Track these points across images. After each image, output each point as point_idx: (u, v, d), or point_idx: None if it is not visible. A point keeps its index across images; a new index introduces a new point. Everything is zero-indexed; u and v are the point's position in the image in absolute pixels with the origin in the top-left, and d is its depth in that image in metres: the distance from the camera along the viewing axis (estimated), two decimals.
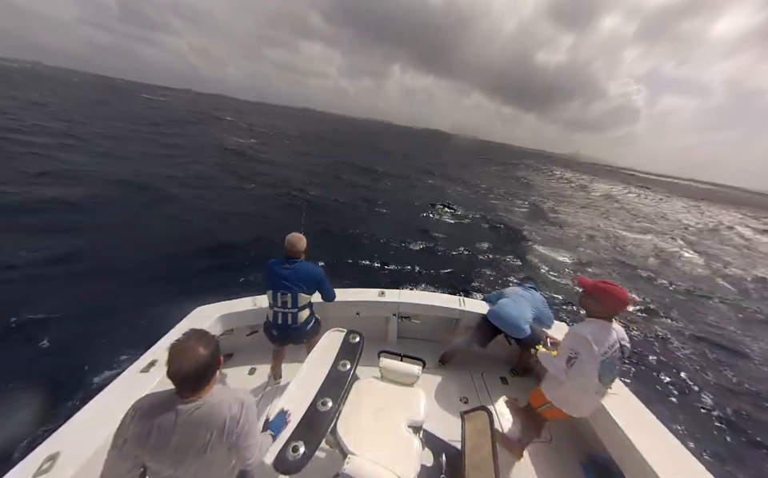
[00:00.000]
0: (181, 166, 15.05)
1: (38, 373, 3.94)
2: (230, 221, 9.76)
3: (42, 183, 9.81)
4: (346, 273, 7.56)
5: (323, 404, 1.70)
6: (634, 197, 40.80)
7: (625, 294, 1.81)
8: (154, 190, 10.98)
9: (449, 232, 11.92)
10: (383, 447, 1.67)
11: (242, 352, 3.15)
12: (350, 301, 3.21)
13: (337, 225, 10.45)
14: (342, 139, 50.23)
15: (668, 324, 7.33)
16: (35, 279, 5.54)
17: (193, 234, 8.32)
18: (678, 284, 10.31)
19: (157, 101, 63.72)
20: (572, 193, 32.68)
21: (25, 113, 22.12)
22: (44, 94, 38.28)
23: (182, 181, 12.76)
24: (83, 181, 10.65)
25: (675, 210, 34.13)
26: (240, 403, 1.27)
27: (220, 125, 38.00)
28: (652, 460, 1.81)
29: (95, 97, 46.20)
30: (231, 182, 14.16)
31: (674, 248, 15.52)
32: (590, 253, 12.19)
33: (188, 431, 1.18)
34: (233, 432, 1.22)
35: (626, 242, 15.16)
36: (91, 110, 30.94)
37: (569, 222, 17.43)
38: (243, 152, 21.76)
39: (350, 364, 1.98)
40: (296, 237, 2.54)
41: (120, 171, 12.34)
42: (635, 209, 29.10)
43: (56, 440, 1.80)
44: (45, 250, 6.35)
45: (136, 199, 9.97)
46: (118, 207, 9.23)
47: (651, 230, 19.21)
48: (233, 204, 11.51)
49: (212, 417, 1.20)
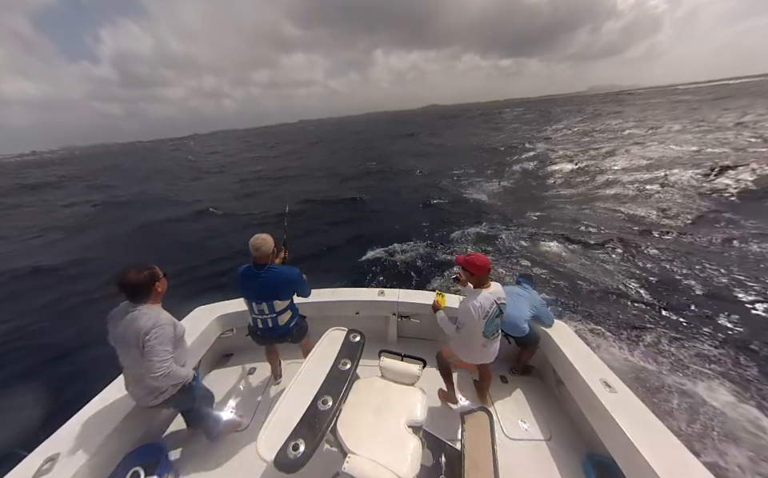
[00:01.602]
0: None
1: (38, 374, 3.94)
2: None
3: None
4: (345, 273, 7.57)
5: (323, 403, 1.70)
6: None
7: (482, 260, 2.31)
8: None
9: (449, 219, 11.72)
10: (383, 446, 1.67)
11: (242, 351, 3.15)
12: (350, 301, 3.21)
13: (338, 225, 10.46)
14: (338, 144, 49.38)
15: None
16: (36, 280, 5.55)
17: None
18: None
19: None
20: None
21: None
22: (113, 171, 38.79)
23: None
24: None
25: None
26: (154, 322, 1.73)
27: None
28: (652, 460, 1.81)
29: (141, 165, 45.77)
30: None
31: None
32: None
33: (123, 329, 1.74)
34: (139, 339, 1.68)
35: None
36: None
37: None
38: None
39: (351, 364, 1.98)
40: (259, 239, 2.26)
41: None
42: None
43: (56, 440, 1.80)
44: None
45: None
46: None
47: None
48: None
49: (134, 322, 1.71)
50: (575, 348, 2.78)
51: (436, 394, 2.85)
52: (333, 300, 3.17)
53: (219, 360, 3.17)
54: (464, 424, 2.09)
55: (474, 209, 12.25)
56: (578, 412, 2.52)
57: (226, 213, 13.96)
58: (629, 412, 2.13)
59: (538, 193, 14.10)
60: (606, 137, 25.91)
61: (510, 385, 3.05)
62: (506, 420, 2.67)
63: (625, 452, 1.99)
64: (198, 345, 2.67)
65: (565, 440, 2.53)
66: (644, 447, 1.88)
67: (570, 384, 2.62)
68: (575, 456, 2.41)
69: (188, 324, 2.85)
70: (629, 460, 1.96)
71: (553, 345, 2.86)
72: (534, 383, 3.10)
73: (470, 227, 10.08)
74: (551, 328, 3.00)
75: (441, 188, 15.38)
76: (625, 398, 2.27)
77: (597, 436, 2.26)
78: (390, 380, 2.17)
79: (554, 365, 2.85)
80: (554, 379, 2.92)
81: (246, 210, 14.32)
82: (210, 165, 37.76)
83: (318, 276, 4.26)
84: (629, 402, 2.25)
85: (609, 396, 2.24)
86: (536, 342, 2.94)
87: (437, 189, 15.28)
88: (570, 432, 2.60)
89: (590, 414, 2.35)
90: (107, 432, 1.88)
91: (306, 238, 9.98)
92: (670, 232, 8.82)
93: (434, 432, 2.14)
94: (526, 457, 2.37)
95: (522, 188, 14.95)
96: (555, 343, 2.83)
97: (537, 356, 3.04)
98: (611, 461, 2.11)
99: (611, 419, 2.10)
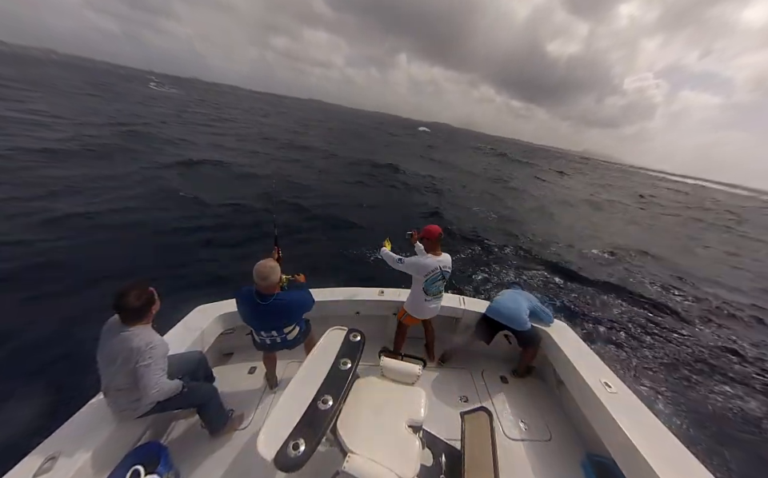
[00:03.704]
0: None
1: (38, 374, 3.95)
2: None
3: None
4: (347, 272, 7.56)
5: (324, 403, 1.70)
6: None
7: (435, 228, 2.74)
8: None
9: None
10: (383, 446, 1.67)
11: (242, 351, 3.15)
12: (350, 300, 3.21)
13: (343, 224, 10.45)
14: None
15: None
16: (35, 278, 5.55)
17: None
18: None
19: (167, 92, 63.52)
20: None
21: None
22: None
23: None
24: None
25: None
26: (147, 342, 1.77)
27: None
28: (652, 460, 1.81)
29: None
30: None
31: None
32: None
33: (111, 348, 1.77)
34: (131, 360, 1.73)
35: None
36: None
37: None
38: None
39: (351, 363, 1.98)
40: (267, 268, 2.08)
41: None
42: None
43: (56, 439, 1.80)
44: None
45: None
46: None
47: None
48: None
49: (127, 343, 1.75)
50: (575, 348, 2.78)
51: (436, 394, 2.85)
52: (333, 300, 3.17)
53: (219, 359, 3.17)
54: (464, 424, 2.09)
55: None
56: (577, 412, 2.52)
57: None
58: (629, 412, 2.13)
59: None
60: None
61: (509, 385, 3.05)
62: (505, 420, 2.68)
63: (624, 452, 1.99)
64: (198, 344, 2.67)
65: (565, 440, 2.53)
66: (644, 447, 1.88)
67: (570, 384, 2.62)
68: (575, 455, 2.41)
69: (188, 324, 2.85)
70: (628, 460, 1.97)
71: (553, 345, 2.86)
72: (533, 383, 3.10)
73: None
74: (551, 328, 3.01)
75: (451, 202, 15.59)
76: (625, 398, 2.27)
77: (597, 436, 2.26)
78: (390, 379, 2.17)
79: (554, 365, 2.86)
80: (554, 379, 2.93)
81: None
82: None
83: (318, 276, 4.27)
84: (629, 402, 2.25)
85: (609, 396, 2.25)
86: (537, 342, 2.95)
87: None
88: (569, 432, 2.60)
89: (589, 414, 2.35)
90: (107, 431, 1.88)
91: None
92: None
93: (434, 432, 2.15)
94: (526, 457, 2.38)
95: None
96: (555, 343, 2.83)
97: (537, 356, 3.05)
98: (611, 461, 2.11)
99: (611, 419, 2.10)
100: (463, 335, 3.26)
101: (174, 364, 2.23)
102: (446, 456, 1.99)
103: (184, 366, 2.32)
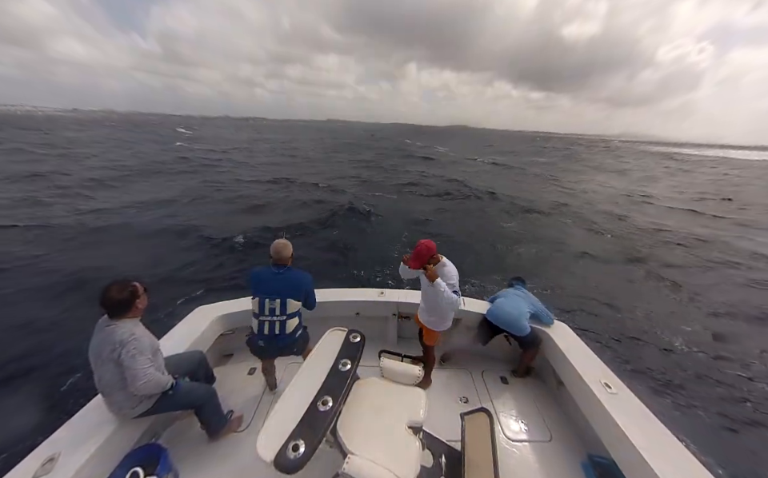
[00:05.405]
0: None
1: (38, 374, 3.95)
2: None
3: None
4: (346, 272, 7.56)
5: (323, 404, 1.70)
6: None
7: (426, 244, 2.49)
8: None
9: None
10: (383, 447, 1.67)
11: (243, 351, 3.15)
12: (350, 301, 3.21)
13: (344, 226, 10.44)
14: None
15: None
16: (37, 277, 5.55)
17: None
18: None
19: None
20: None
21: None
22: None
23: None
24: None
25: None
26: (130, 333, 1.81)
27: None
28: (652, 460, 1.81)
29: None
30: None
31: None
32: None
33: (100, 341, 1.82)
34: (115, 352, 1.77)
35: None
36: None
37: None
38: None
39: (351, 364, 1.98)
40: (281, 243, 2.50)
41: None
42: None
43: (56, 440, 1.80)
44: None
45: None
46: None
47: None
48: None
49: (110, 336, 1.79)
50: (575, 348, 2.78)
51: (436, 394, 2.85)
52: (333, 301, 3.17)
53: (219, 360, 3.17)
54: (464, 425, 2.09)
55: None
56: (578, 412, 2.52)
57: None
58: (629, 413, 2.13)
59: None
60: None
61: (510, 386, 3.05)
62: (506, 420, 2.67)
63: (625, 452, 1.99)
64: (198, 345, 2.67)
65: (565, 441, 2.52)
66: (644, 447, 1.88)
67: (570, 384, 2.62)
68: (575, 456, 2.41)
69: (188, 324, 2.85)
70: (629, 460, 1.96)
71: (553, 346, 2.85)
72: (534, 383, 3.10)
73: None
74: (551, 329, 3.00)
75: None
76: (625, 399, 2.27)
77: (597, 436, 2.26)
78: (390, 380, 2.16)
79: (554, 366, 2.85)
80: (554, 379, 2.92)
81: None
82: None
83: (317, 276, 4.26)
84: (629, 403, 2.24)
85: (609, 396, 2.24)
86: (538, 344, 2.94)
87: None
88: (570, 432, 2.60)
89: (590, 415, 2.35)
90: (107, 432, 1.88)
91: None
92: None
93: (434, 433, 2.14)
94: (526, 458, 2.37)
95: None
96: (555, 343, 2.83)
97: (537, 356, 3.04)
98: (611, 462, 2.11)
99: (611, 420, 2.10)
100: (463, 336, 3.26)
101: (173, 363, 2.23)
102: (446, 456, 1.98)
103: (184, 366, 2.32)
